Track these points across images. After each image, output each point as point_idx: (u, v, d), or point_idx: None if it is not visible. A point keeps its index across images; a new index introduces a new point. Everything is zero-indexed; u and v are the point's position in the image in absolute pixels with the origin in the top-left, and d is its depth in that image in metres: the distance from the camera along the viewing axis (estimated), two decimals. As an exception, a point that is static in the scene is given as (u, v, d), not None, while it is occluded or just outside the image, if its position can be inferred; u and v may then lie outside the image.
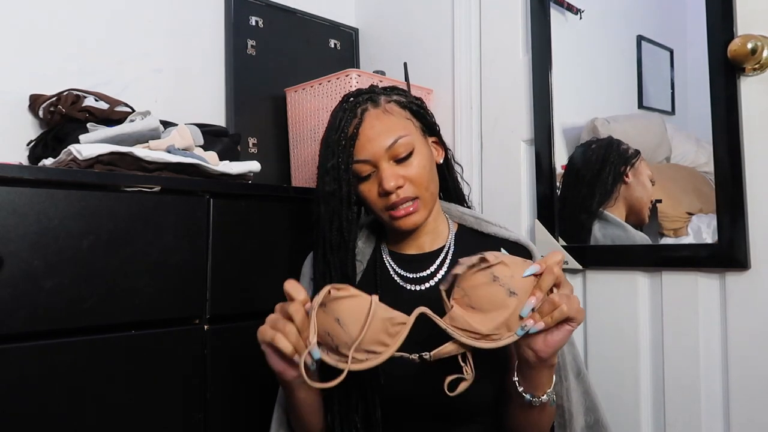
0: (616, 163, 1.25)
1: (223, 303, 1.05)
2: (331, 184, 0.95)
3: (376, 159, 0.94)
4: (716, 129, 1.06)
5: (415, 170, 0.95)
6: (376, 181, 0.95)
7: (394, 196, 0.93)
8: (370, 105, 0.97)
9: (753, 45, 0.99)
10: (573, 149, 1.33)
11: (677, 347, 1.12)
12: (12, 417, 0.83)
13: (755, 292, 1.03)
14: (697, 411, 1.09)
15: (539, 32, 1.36)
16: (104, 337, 0.92)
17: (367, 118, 0.96)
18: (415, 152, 0.96)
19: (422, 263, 1.02)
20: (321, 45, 1.79)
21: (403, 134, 0.95)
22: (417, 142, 0.97)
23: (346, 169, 0.94)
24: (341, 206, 0.96)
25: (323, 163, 0.97)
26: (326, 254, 0.97)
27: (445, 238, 1.04)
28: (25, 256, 0.85)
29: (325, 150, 0.97)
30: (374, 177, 0.96)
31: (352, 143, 0.94)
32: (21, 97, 1.27)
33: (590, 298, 1.27)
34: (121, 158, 1.02)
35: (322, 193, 0.97)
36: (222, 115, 1.59)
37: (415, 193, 0.95)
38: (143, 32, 1.46)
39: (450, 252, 1.02)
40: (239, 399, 1.06)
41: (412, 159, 0.95)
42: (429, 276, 1.00)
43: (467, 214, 1.08)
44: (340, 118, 0.96)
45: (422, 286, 1.00)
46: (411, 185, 0.94)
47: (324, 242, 0.98)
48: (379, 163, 0.94)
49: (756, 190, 1.03)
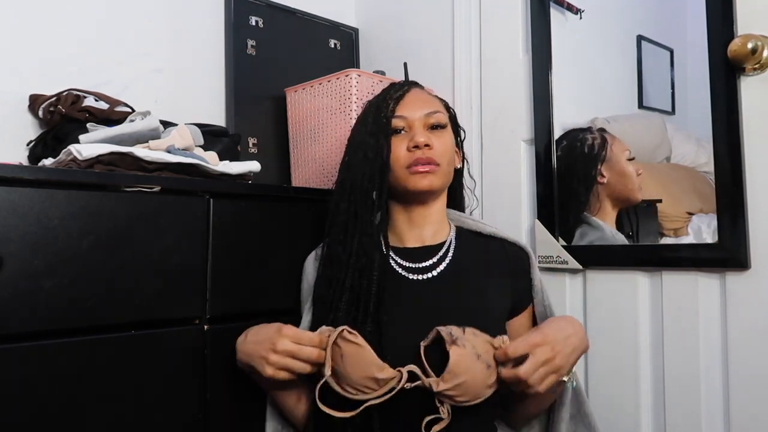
0: (584, 170, 1.27)
1: (223, 303, 1.05)
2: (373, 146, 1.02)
3: (412, 119, 1.04)
4: (716, 129, 1.06)
5: (443, 142, 1.04)
6: (407, 138, 1.02)
7: (420, 153, 1.00)
8: (413, 86, 1.10)
9: (753, 45, 0.99)
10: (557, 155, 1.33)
11: (677, 347, 1.12)
12: (12, 417, 0.83)
13: (755, 292, 1.03)
14: (697, 411, 1.09)
15: (539, 32, 1.36)
16: (104, 337, 0.92)
17: (411, 91, 1.08)
18: (446, 131, 1.06)
19: (424, 254, 1.05)
20: (321, 45, 1.79)
21: (440, 110, 1.07)
22: (449, 128, 1.08)
23: (387, 130, 1.02)
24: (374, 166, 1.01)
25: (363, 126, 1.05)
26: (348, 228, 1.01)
27: (446, 234, 1.08)
28: (25, 256, 0.85)
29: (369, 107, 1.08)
30: (405, 135, 1.03)
31: (397, 103, 1.05)
32: (21, 97, 1.27)
33: (590, 298, 1.27)
34: (121, 158, 1.02)
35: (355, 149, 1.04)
36: (222, 115, 1.59)
37: (438, 159, 1.02)
38: (143, 32, 1.46)
39: (452, 246, 1.06)
40: (239, 399, 1.06)
41: (443, 134, 1.05)
42: (431, 266, 1.03)
43: (466, 218, 1.13)
44: (385, 92, 1.08)
45: (424, 276, 1.02)
46: (437, 152, 1.02)
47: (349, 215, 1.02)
48: (415, 124, 1.03)
49: (756, 190, 1.02)
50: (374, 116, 1.04)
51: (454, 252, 1.05)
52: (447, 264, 1.04)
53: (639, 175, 1.21)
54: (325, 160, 1.48)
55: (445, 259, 1.04)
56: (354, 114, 1.39)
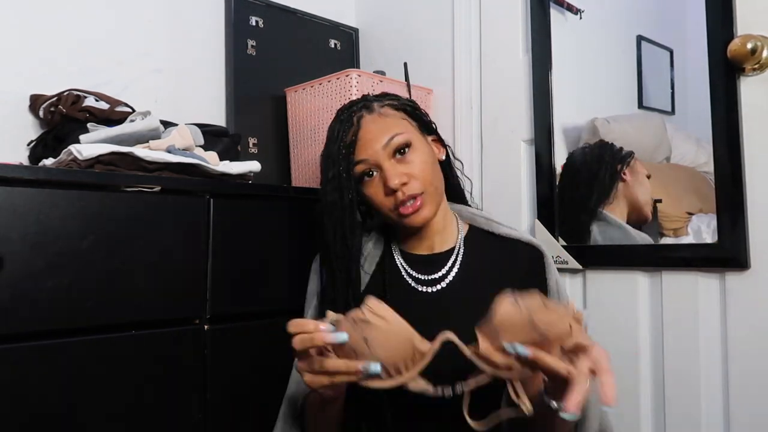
0: (611, 162, 1.25)
1: (223, 303, 1.05)
2: (333, 194, 0.96)
3: (376, 158, 0.95)
4: (716, 129, 1.06)
5: (417, 166, 0.96)
6: (381, 181, 0.96)
7: (400, 194, 0.94)
8: (365, 112, 0.99)
9: (753, 45, 0.99)
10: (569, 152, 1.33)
11: (677, 347, 1.12)
12: (12, 417, 0.83)
13: (755, 292, 1.03)
14: (697, 410, 1.09)
15: (539, 32, 1.36)
16: (104, 337, 0.92)
17: (363, 124, 0.97)
18: (414, 148, 0.97)
19: (433, 264, 1.02)
20: (321, 45, 1.79)
21: (399, 131, 0.96)
22: (415, 139, 0.98)
23: (347, 177, 0.95)
24: (344, 215, 0.96)
25: (325, 175, 0.98)
26: (332, 263, 0.98)
27: (455, 239, 1.05)
28: (25, 256, 0.85)
29: (326, 162, 0.98)
30: (378, 178, 0.96)
31: (352, 150, 0.96)
32: (21, 97, 1.27)
33: (590, 298, 1.27)
34: (121, 158, 1.02)
35: (324, 204, 0.98)
36: (222, 115, 1.59)
37: (420, 188, 0.95)
38: (143, 32, 1.46)
39: (460, 253, 1.03)
40: (239, 399, 1.06)
41: (413, 155, 0.96)
42: (440, 278, 1.01)
43: (478, 215, 1.08)
44: (337, 129, 0.98)
45: (434, 288, 1.00)
46: (415, 181, 0.95)
47: (329, 251, 0.99)
48: (381, 163, 0.95)
49: (756, 190, 1.02)
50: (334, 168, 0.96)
51: (463, 259, 1.02)
52: (455, 274, 1.01)
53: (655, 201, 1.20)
54: (325, 160, 1.48)
55: (454, 269, 1.01)
56: (354, 114, 1.39)
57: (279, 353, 1.09)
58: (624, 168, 1.24)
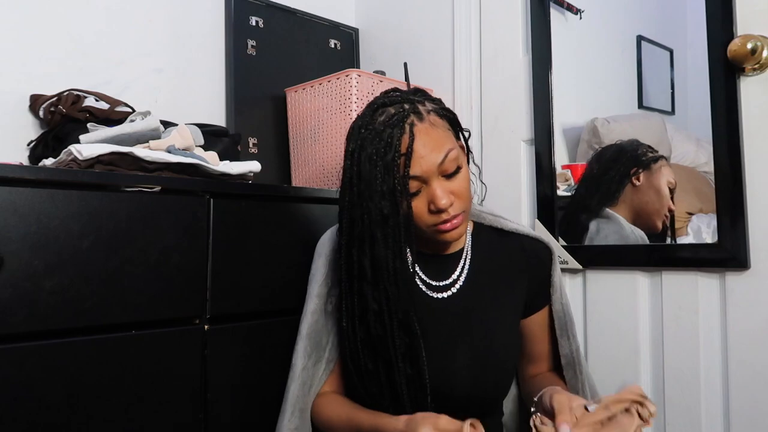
0: (626, 164, 1.22)
1: (223, 303, 1.05)
2: (387, 206, 0.89)
3: (428, 176, 0.90)
4: (716, 129, 1.06)
5: (461, 184, 0.93)
6: (425, 197, 0.91)
7: (446, 214, 0.91)
8: (415, 118, 0.91)
9: (753, 45, 0.99)
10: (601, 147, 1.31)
11: (677, 347, 1.12)
12: (12, 417, 0.83)
13: (755, 292, 1.03)
14: (697, 410, 1.09)
15: (539, 32, 1.36)
16: (104, 337, 0.92)
17: (417, 134, 0.90)
18: (461, 165, 0.94)
19: (443, 267, 1.03)
20: (321, 45, 1.79)
21: (450, 148, 0.92)
22: (460, 156, 0.94)
23: (402, 190, 0.89)
24: (399, 231, 0.90)
25: (373, 182, 0.89)
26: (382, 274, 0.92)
27: (463, 240, 1.05)
28: (25, 256, 0.85)
29: (372, 169, 0.89)
30: (423, 193, 0.92)
31: (408, 162, 0.89)
32: (21, 97, 1.27)
33: (590, 298, 1.27)
34: (121, 158, 1.02)
35: (375, 215, 0.90)
36: (222, 115, 1.60)
37: (462, 207, 0.93)
38: (143, 32, 1.46)
39: (468, 256, 1.04)
40: (239, 399, 1.06)
41: (459, 173, 0.93)
42: (451, 284, 1.02)
43: (485, 212, 1.09)
44: (388, 135, 0.89)
45: (445, 294, 1.01)
46: (459, 201, 0.92)
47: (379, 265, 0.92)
48: (431, 179, 0.90)
49: (756, 190, 1.03)
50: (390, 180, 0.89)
51: (471, 260, 1.04)
52: (465, 278, 1.02)
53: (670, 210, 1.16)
54: (325, 160, 1.48)
55: (463, 272, 1.03)
56: (354, 114, 1.39)
57: (279, 353, 1.09)
58: (640, 171, 1.20)
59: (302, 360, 1.01)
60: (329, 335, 1.04)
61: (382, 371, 0.95)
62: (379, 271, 0.92)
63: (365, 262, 0.93)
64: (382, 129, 0.90)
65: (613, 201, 1.24)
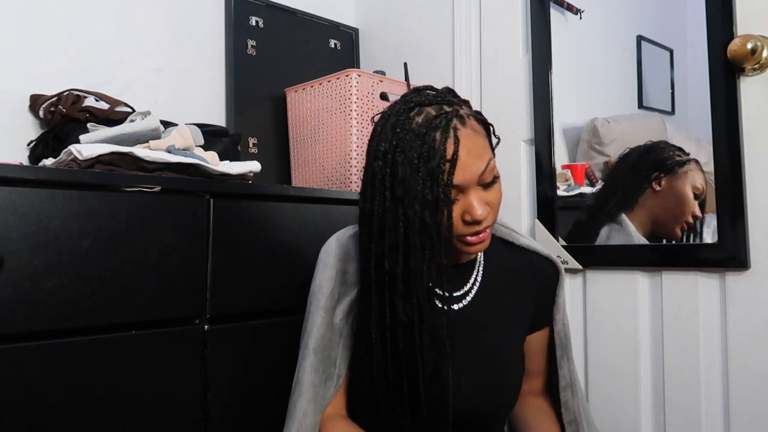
0: (647, 167, 1.18)
1: (223, 303, 1.05)
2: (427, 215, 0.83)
3: (468, 184, 0.85)
4: (716, 129, 1.06)
5: (496, 196, 0.89)
6: (460, 207, 0.86)
7: (478, 226, 0.87)
8: (458, 122, 0.85)
9: (753, 45, 0.99)
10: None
11: (677, 347, 1.12)
12: (12, 417, 0.83)
13: (755, 292, 1.03)
14: (697, 411, 1.09)
15: (539, 32, 1.36)
16: (104, 337, 0.92)
17: (462, 139, 0.84)
18: (498, 175, 0.90)
19: (455, 277, 0.98)
20: (321, 45, 1.79)
21: (490, 157, 0.88)
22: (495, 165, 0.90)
23: (446, 199, 0.83)
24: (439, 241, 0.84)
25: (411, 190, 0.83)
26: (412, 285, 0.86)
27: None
28: (25, 256, 0.85)
29: (414, 174, 0.82)
30: (458, 202, 0.86)
31: (453, 169, 0.83)
32: (21, 97, 1.27)
33: (590, 298, 1.27)
34: (121, 158, 1.02)
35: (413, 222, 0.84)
36: (222, 115, 1.60)
37: (493, 220, 0.89)
38: (143, 32, 1.46)
39: (480, 268, 1.01)
40: (239, 399, 1.06)
41: (496, 184, 0.89)
42: (463, 295, 0.99)
43: (500, 224, 1.06)
44: (432, 138, 0.83)
45: (456, 306, 0.98)
46: (492, 213, 0.89)
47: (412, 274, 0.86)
48: (469, 188, 0.85)
49: (756, 190, 1.03)
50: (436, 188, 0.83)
51: (483, 273, 1.01)
52: (476, 291, 0.99)
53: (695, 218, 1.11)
54: (325, 160, 1.48)
55: (475, 285, 0.99)
56: (354, 114, 1.39)
57: (279, 353, 1.09)
58: (662, 176, 1.16)
59: (310, 376, 0.95)
60: (337, 349, 0.99)
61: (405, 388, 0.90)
62: (413, 282, 0.86)
63: (397, 272, 0.86)
64: (425, 132, 0.83)
65: (631, 206, 1.21)
